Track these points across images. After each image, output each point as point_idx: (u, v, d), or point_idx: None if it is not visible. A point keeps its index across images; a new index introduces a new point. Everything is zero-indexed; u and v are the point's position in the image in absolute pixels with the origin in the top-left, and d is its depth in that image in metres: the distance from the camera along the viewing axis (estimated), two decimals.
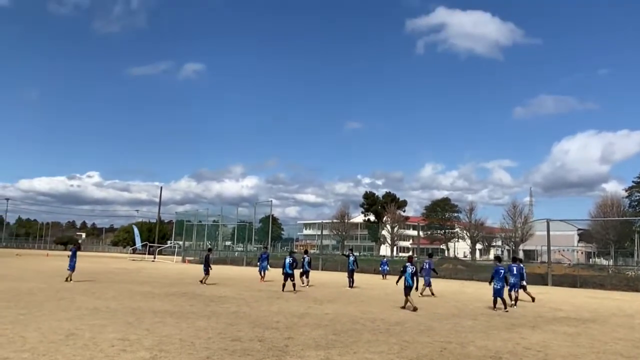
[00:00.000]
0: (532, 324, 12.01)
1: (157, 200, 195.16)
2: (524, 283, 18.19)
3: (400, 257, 71.84)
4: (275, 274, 22.93)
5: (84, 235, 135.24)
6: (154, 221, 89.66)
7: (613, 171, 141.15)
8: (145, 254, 65.21)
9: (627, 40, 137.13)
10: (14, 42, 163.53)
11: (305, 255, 21.54)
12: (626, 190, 66.40)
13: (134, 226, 72.54)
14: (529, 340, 9.48)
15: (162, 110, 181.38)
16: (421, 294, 17.87)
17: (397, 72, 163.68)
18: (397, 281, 14.67)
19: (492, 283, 14.97)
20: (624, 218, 57.18)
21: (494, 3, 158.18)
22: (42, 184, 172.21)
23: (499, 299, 14.62)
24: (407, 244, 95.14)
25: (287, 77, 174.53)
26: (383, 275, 31.00)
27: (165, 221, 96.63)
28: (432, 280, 19.40)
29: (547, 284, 30.57)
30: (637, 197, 64.84)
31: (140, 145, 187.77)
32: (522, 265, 19.12)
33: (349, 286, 21.62)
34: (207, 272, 21.13)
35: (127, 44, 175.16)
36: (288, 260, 18.76)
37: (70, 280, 19.42)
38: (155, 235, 71.61)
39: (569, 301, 18.95)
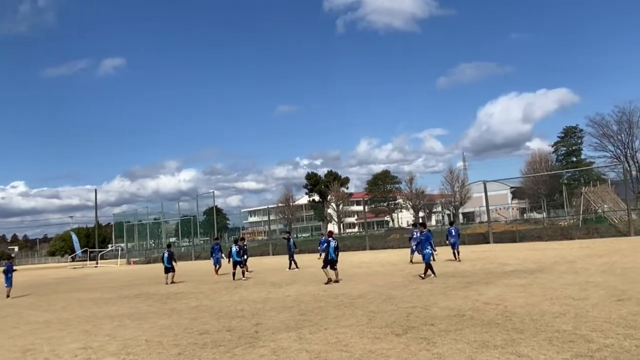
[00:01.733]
0: (485, 280, 12.56)
1: (91, 204, 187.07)
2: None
3: (348, 233, 73.02)
4: (228, 265, 22.66)
5: (16, 248, 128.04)
6: (91, 226, 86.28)
7: (535, 129, 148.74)
8: (86, 260, 62.68)
9: (535, 4, 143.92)
10: None
11: (233, 245, 19.45)
12: (552, 146, 70.18)
13: (72, 233, 69.58)
14: (486, 296, 9.91)
15: (84, 110, 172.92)
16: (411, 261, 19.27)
17: (321, 53, 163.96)
18: (320, 256, 15.08)
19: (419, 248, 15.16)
20: (553, 172, 60.54)
21: None
22: None
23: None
24: (352, 219, 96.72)
25: (211, 65, 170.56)
26: (320, 254, 30.40)
27: (103, 224, 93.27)
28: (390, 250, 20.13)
29: (489, 242, 32.06)
30: (563, 151, 68.65)
31: (65, 149, 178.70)
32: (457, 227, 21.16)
33: (289, 268, 21.79)
34: (172, 269, 19.52)
35: (38, 45, 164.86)
36: (234, 248, 18.71)
37: (8, 297, 18.31)
38: (95, 239, 68.92)
39: (513, 255, 19.95)
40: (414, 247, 19.12)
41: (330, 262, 14.61)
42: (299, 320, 8.83)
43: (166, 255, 19.83)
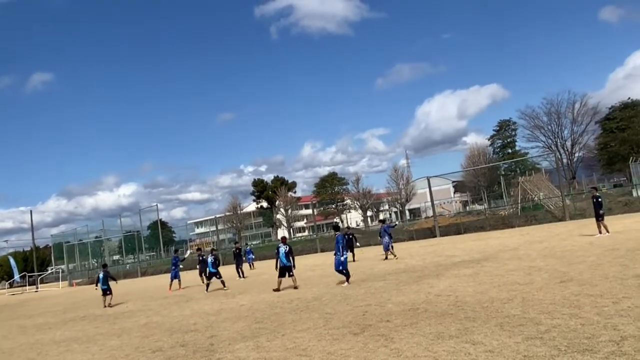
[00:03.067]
0: (435, 273, 12.85)
1: (26, 226, 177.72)
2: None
3: (298, 237, 72.95)
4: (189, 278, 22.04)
5: None
6: (28, 249, 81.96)
7: (470, 124, 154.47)
8: (25, 285, 59.48)
9: (463, 5, 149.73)
10: None
11: (209, 256, 18.83)
12: (488, 139, 72.93)
13: (9, 257, 65.72)
14: (437, 288, 10.14)
15: (12, 128, 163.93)
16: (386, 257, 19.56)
17: (258, 60, 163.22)
18: (276, 265, 14.57)
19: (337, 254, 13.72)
20: (490, 164, 62.87)
21: None
22: None
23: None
24: (302, 223, 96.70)
25: (145, 77, 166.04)
26: (251, 265, 29.98)
27: (41, 247, 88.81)
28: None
29: (436, 236, 32.92)
30: (499, 144, 71.40)
31: None
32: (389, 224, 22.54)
33: (240, 277, 21.66)
34: (109, 291, 17.79)
35: None
36: (210, 259, 18.16)
37: None
38: (33, 263, 65.56)
39: (459, 247, 20.55)
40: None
41: (282, 269, 14.41)
42: (255, 329, 8.71)
43: (101, 276, 17.94)
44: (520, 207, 35.09)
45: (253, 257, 31.53)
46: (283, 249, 14.57)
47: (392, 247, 20.09)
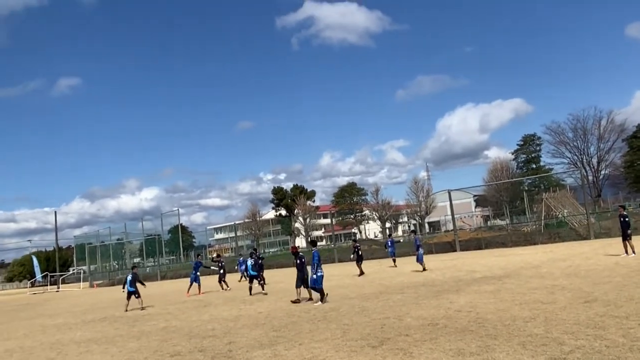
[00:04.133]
0: (455, 288, 12.70)
1: (50, 227, 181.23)
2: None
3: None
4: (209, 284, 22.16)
5: None
6: (51, 249, 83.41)
7: (492, 138, 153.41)
8: (47, 285, 60.49)
9: (486, 19, 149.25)
10: None
11: (249, 258, 18.70)
12: (512, 154, 72.11)
13: (33, 257, 66.97)
14: (457, 303, 10.01)
15: (39, 131, 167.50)
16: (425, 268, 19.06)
17: (279, 69, 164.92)
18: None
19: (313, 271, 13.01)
20: (514, 179, 62.04)
21: None
22: None
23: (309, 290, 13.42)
24: (320, 233, 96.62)
25: (169, 83, 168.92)
26: (243, 276, 25.89)
27: (64, 247, 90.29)
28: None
29: (455, 250, 32.54)
30: (523, 159, 70.53)
31: (21, 171, 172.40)
32: (357, 245, 22.66)
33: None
34: (137, 294, 17.02)
35: None
36: (250, 261, 17.97)
37: None
38: (56, 263, 66.64)
39: (480, 262, 20.28)
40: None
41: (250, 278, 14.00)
42: (272, 336, 8.70)
43: (129, 278, 17.32)
44: (543, 224, 34.50)
45: (244, 268, 26.02)
46: (250, 261, 14.35)
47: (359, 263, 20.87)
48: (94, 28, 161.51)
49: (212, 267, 22.99)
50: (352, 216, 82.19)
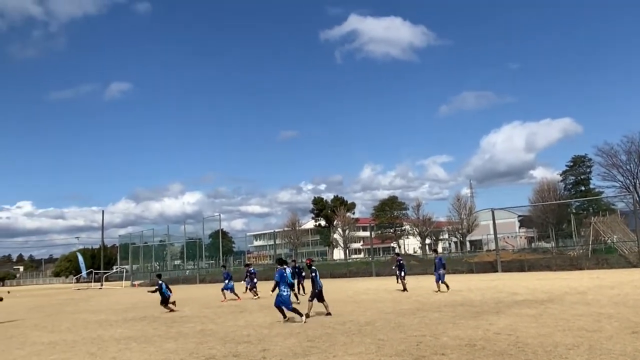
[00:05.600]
0: (495, 310, 12.37)
1: (96, 225, 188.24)
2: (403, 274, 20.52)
3: (353, 259, 72.51)
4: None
5: (21, 268, 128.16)
6: (97, 247, 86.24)
7: (539, 158, 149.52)
8: (91, 281, 62.48)
9: (532, 35, 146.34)
10: None
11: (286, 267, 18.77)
12: (560, 174, 69.96)
13: (78, 254, 69.45)
14: (496, 326, 9.75)
15: (90, 133, 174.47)
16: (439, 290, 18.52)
17: (322, 82, 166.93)
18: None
19: (281, 289, 12.47)
20: (561, 201, 60.06)
21: (403, 8, 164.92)
22: None
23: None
24: (358, 245, 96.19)
25: (215, 90, 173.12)
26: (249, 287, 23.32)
27: (109, 246, 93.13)
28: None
29: (497, 271, 31.72)
30: (571, 180, 68.33)
31: (72, 171, 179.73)
32: (399, 259, 21.77)
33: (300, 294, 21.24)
34: (165, 300, 17.38)
35: (48, 69, 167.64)
36: (289, 270, 17.52)
37: None
38: (100, 261, 68.79)
39: (522, 284, 19.70)
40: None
41: (315, 295, 13.38)
42: (306, 347, 8.70)
43: (164, 285, 17.69)
44: (591, 249, 33.25)
45: (256, 281, 24.12)
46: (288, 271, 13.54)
47: (402, 278, 20.22)
48: (147, 35, 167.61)
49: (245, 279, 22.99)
50: (391, 230, 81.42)
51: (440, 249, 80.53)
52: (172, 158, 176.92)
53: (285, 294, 12.43)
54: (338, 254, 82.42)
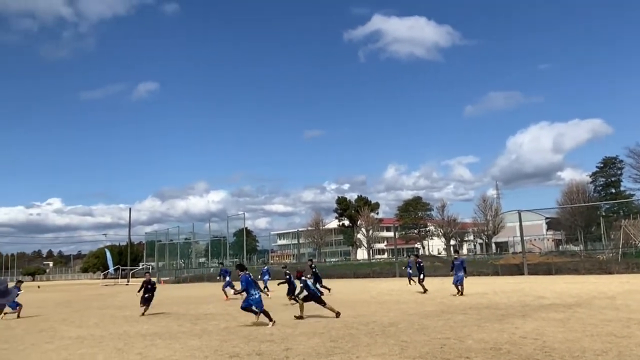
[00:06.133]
0: (521, 313, 12.18)
1: (123, 222, 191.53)
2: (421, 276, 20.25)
3: (377, 259, 72.25)
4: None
5: (51, 264, 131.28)
6: (124, 244, 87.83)
7: (568, 159, 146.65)
8: (118, 277, 63.63)
9: (562, 37, 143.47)
10: None
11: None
12: (590, 176, 68.48)
13: (106, 250, 70.81)
14: (523, 330, 9.59)
15: (118, 132, 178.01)
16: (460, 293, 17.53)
17: (346, 81, 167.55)
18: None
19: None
20: (590, 204, 58.79)
21: (428, 8, 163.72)
22: (0, 214, 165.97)
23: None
24: (382, 245, 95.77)
25: (240, 90, 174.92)
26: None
27: (135, 243, 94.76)
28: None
29: (523, 274, 31.21)
30: (601, 182, 66.81)
31: (100, 169, 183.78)
32: (419, 260, 21.44)
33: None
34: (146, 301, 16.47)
35: (77, 69, 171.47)
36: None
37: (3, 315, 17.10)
38: (127, 257, 70.03)
39: (550, 288, 19.34)
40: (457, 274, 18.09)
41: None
42: (329, 347, 8.70)
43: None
44: (621, 253, 32.46)
45: (269, 278, 25.47)
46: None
47: (415, 280, 20.19)
48: (174, 35, 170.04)
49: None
50: (415, 231, 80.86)
51: (465, 251, 79.73)
52: (197, 157, 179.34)
53: (257, 296, 12.27)
54: (362, 254, 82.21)
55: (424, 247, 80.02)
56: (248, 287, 12.37)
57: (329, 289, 20.34)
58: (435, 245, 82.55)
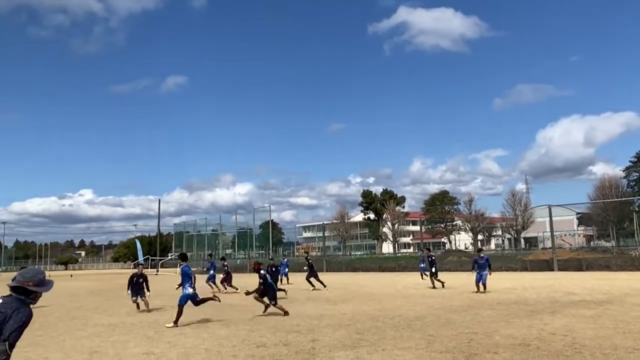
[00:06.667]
0: (550, 309, 12.01)
1: (152, 213, 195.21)
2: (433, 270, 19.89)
3: (402, 253, 71.93)
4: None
5: (83, 253, 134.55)
6: (153, 234, 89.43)
7: (599, 153, 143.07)
8: (147, 267, 64.86)
9: (594, 27, 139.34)
10: None
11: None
12: (623, 171, 66.71)
13: (136, 240, 72.33)
14: (552, 326, 9.46)
15: (147, 125, 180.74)
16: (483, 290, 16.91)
17: (371, 74, 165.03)
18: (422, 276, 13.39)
19: None
20: (624, 199, 57.23)
21: None
22: (35, 205, 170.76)
23: None
24: (407, 239, 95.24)
25: (266, 83, 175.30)
26: (281, 279, 23.89)
27: (164, 233, 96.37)
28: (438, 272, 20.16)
29: (553, 270, 30.69)
30: (635, 177, 65.01)
31: (130, 161, 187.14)
32: (431, 254, 20.99)
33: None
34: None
35: (107, 63, 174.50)
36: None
37: None
38: (156, 248, 71.34)
39: (580, 285, 18.98)
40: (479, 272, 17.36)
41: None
42: (355, 339, 8.74)
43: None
44: None
45: (287, 270, 26.21)
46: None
47: (430, 274, 19.72)
48: (202, 29, 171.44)
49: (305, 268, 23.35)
50: (442, 225, 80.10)
51: (492, 246, 78.67)
52: (224, 150, 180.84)
53: (186, 292, 11.47)
54: (387, 247, 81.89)
55: (450, 242, 79.20)
56: (183, 280, 11.69)
57: (285, 291, 19.03)
58: (462, 240, 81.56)
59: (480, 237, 75.40)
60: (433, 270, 19.84)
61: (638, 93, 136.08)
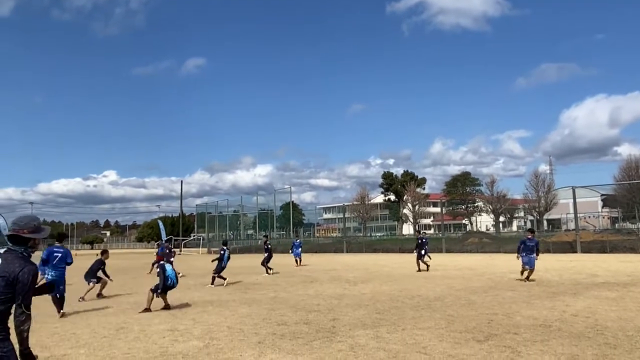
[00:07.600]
0: (572, 291, 11.91)
1: (174, 194, 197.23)
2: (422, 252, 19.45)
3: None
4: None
5: (108, 233, 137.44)
6: (176, 215, 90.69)
7: (625, 133, 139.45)
8: (172, 247, 65.95)
9: (620, 4, 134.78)
10: (17, 50, 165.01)
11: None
12: None
13: (159, 221, 73.42)
14: (574, 307, 9.40)
15: (169, 107, 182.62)
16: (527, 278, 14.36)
17: (390, 55, 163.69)
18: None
19: None
20: None
21: None
22: (60, 186, 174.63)
23: None
24: (428, 221, 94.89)
25: (286, 65, 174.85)
26: (297, 262, 25.97)
27: (187, 214, 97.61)
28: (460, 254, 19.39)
29: (576, 251, 30.37)
30: None
31: (153, 142, 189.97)
32: (422, 238, 20.34)
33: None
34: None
35: (128, 45, 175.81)
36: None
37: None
38: (179, 228, 72.40)
39: (603, 266, 18.76)
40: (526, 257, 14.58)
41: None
42: (375, 318, 8.81)
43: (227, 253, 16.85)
44: None
45: (300, 251, 26.85)
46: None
47: (417, 255, 19.45)
48: (221, 11, 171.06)
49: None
50: (463, 207, 79.51)
51: (514, 227, 77.90)
52: (244, 132, 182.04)
53: (48, 276, 10.13)
54: (407, 229, 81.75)
55: (471, 223, 78.71)
56: (46, 265, 10.26)
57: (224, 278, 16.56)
58: (484, 222, 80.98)
59: (502, 218, 74.74)
60: (423, 252, 19.43)
61: None
